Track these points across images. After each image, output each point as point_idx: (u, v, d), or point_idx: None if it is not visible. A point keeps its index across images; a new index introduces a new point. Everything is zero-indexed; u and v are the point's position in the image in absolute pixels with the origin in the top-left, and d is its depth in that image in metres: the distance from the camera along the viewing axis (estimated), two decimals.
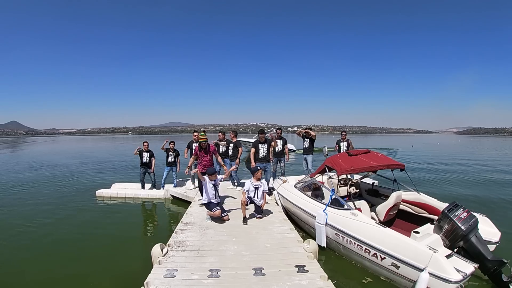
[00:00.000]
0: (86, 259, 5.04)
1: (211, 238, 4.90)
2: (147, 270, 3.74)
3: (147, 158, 9.29)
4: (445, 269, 3.47)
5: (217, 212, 5.69)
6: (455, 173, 15.19)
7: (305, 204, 5.75)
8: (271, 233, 5.11)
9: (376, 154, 6.09)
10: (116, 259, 5.02)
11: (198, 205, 6.82)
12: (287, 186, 6.77)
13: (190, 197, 8.03)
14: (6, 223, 6.95)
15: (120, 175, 14.29)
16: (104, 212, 7.87)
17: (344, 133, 9.70)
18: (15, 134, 59.42)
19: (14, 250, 5.49)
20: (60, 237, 6.07)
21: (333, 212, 4.98)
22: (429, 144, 48.84)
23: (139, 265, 4.49)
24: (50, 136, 65.42)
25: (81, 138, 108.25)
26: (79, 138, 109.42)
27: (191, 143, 8.81)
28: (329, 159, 5.93)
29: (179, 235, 4.95)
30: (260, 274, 3.68)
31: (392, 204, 5.42)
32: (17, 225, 6.76)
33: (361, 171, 5.71)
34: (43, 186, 11.67)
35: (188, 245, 4.55)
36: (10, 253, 5.34)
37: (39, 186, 11.69)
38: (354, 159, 5.74)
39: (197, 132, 8.06)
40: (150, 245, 4.26)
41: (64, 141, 70.87)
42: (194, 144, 8.55)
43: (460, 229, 4.07)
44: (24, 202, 9.00)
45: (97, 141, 73.02)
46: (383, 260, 4.11)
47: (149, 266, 3.97)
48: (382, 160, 5.79)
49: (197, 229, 5.30)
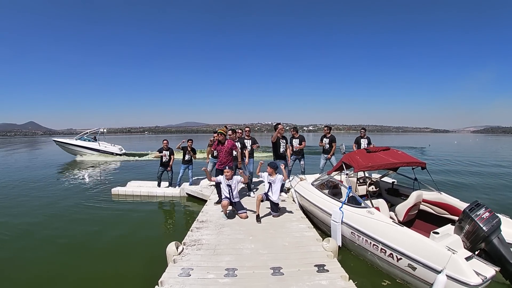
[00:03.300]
0: (100, 258, 5.04)
1: (228, 236, 4.80)
2: (162, 269, 3.68)
3: (166, 157, 9.30)
4: (464, 271, 3.25)
5: (224, 202, 5.62)
6: (481, 173, 14.57)
7: (321, 202, 5.58)
8: (289, 232, 4.99)
9: (396, 151, 5.88)
10: (130, 258, 4.99)
11: (213, 203, 6.76)
12: (304, 184, 6.62)
13: (206, 195, 7.97)
14: (18, 221, 6.99)
15: (136, 173, 14.42)
16: (119, 211, 7.89)
17: (364, 130, 9.52)
18: (33, 134, 61.02)
19: (25, 248, 5.49)
20: (74, 236, 6.08)
21: (350, 210, 4.80)
22: (448, 144, 47.53)
23: (153, 263, 4.44)
24: (68, 136, 67.09)
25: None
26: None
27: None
28: (346, 156, 5.76)
29: (195, 234, 4.88)
30: (278, 273, 3.56)
31: (412, 203, 5.22)
32: (29, 224, 6.81)
33: (380, 168, 5.50)
34: (57, 183, 11.94)
35: (204, 244, 4.46)
36: (20, 252, 5.37)
37: (53, 183, 11.96)
38: (372, 156, 5.56)
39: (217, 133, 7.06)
40: (165, 243, 4.19)
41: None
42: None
43: (482, 229, 3.81)
44: (39, 199, 9.17)
45: (113, 140, 74.08)
46: (399, 261, 3.92)
47: (164, 264, 3.90)
48: (402, 158, 5.58)
49: (213, 227, 5.22)
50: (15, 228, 6.49)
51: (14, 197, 9.52)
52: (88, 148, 22.11)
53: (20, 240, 5.84)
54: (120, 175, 13.96)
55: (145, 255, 4.98)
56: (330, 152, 8.90)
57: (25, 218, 7.18)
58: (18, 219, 7.08)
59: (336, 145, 9.08)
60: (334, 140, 9.04)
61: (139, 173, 14.30)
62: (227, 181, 5.82)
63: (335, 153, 8.97)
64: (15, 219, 7.08)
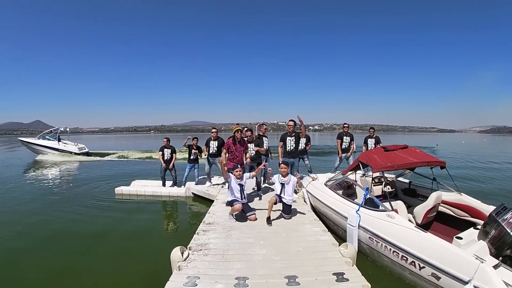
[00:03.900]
0: (100, 262, 4.75)
1: (237, 240, 4.45)
2: (166, 276, 3.35)
3: (168, 155, 9.01)
4: (493, 282, 2.92)
5: (237, 206, 5.26)
6: (499, 173, 14.11)
7: (336, 203, 5.22)
8: (302, 235, 4.63)
9: (414, 150, 5.52)
10: (132, 264, 4.65)
11: (221, 204, 6.43)
12: (317, 184, 6.27)
13: (213, 195, 7.65)
14: (23, 218, 6.88)
15: (141, 172, 14.11)
16: (122, 211, 7.60)
17: (373, 130, 9.17)
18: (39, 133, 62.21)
19: (24, 248, 5.30)
20: (74, 237, 5.83)
21: (367, 213, 4.46)
22: (456, 143, 46.75)
23: (157, 270, 4.12)
24: (74, 134, 67.66)
25: (104, 137, 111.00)
26: (102, 137, 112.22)
27: (208, 141, 8.38)
28: (363, 155, 5.41)
29: (201, 237, 4.54)
30: (294, 283, 3.22)
31: (432, 205, 4.86)
32: (32, 223, 6.62)
33: (399, 168, 5.11)
34: (59, 183, 11.72)
35: (211, 248, 4.12)
36: (19, 250, 5.19)
37: (57, 183, 11.78)
38: (391, 155, 5.19)
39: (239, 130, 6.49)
40: (169, 247, 3.85)
41: (87, 140, 72.69)
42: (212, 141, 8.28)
43: (509, 235, 3.51)
44: (43, 197, 9.00)
45: (120, 139, 74.55)
46: (422, 270, 3.59)
47: (168, 271, 3.58)
48: (421, 156, 5.21)
49: (220, 230, 4.88)
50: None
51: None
52: (47, 147, 22.31)
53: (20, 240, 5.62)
54: (126, 174, 13.65)
55: (148, 261, 4.66)
56: (350, 151, 8.61)
57: (24, 219, 6.94)
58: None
59: (354, 143, 8.83)
60: (353, 138, 8.79)
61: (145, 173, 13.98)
62: (238, 180, 5.48)
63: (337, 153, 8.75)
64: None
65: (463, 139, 65.56)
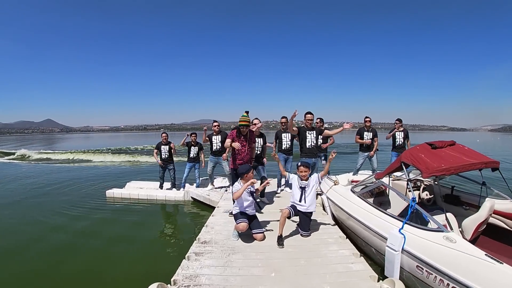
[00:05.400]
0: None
1: (239, 271, 3.23)
2: None
3: (166, 153, 7.92)
4: None
5: (241, 225, 4.03)
6: None
7: (369, 217, 3.97)
8: (328, 263, 3.41)
9: (463, 147, 4.23)
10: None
11: (222, 213, 5.30)
12: (340, 189, 5.03)
13: (214, 201, 6.53)
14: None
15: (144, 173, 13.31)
16: (108, 218, 6.50)
17: (399, 122, 7.80)
18: (50, 131, 61.25)
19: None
20: (48, 246, 4.96)
21: (414, 233, 3.22)
22: (471, 142, 44.63)
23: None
24: (84, 133, 66.83)
25: (114, 135, 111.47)
26: (112, 135, 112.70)
27: (211, 136, 7.20)
28: (407, 154, 4.10)
29: (192, 264, 3.35)
30: None
31: (485, 217, 3.67)
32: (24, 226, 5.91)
33: (456, 172, 3.78)
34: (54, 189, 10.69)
35: (203, 284, 2.93)
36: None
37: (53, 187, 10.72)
38: (441, 154, 3.90)
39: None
40: (151, 278, 2.77)
41: (97, 138, 72.71)
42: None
43: None
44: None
45: (129, 137, 74.43)
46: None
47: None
48: (476, 156, 3.95)
49: (218, 253, 3.68)
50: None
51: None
52: None
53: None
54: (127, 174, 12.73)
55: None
56: (373, 149, 7.44)
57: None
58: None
59: (378, 140, 7.59)
60: (376, 134, 7.55)
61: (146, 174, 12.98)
62: (249, 187, 4.17)
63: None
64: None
65: (476, 138, 63.03)
